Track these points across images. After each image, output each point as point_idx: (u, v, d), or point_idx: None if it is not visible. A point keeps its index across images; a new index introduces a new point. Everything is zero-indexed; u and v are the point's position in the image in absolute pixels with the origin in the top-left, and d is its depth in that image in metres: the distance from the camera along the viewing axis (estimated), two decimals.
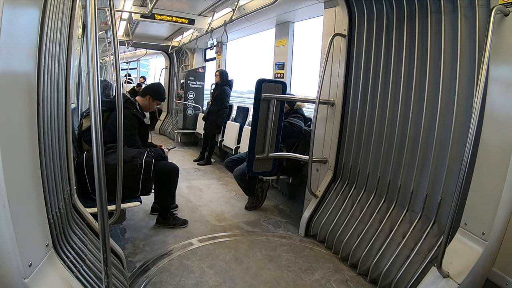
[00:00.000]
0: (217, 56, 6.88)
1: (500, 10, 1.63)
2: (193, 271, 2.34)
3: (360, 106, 2.80)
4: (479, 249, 1.74)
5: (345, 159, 2.99)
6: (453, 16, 2.06)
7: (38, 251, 1.23)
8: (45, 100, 1.33)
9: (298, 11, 4.08)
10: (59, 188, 1.55)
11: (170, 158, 5.81)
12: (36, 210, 1.24)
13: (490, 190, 1.72)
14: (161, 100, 3.14)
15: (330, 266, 2.58)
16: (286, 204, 3.97)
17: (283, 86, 3.16)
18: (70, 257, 1.47)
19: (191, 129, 7.21)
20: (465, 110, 2.00)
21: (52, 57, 1.42)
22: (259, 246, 2.82)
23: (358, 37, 2.80)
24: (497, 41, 1.67)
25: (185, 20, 5.35)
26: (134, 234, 2.90)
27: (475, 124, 1.60)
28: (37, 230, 1.24)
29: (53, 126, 1.49)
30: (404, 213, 2.37)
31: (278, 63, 4.82)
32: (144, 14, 4.02)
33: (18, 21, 1.07)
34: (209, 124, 5.75)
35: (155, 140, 7.68)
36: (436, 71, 2.17)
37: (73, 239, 1.63)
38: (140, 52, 10.94)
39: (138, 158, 2.47)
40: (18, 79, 1.11)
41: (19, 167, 1.12)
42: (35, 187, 1.24)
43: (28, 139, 1.19)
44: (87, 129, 2.57)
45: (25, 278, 1.09)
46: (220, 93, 5.57)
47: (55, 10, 1.38)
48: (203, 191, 4.28)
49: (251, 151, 3.15)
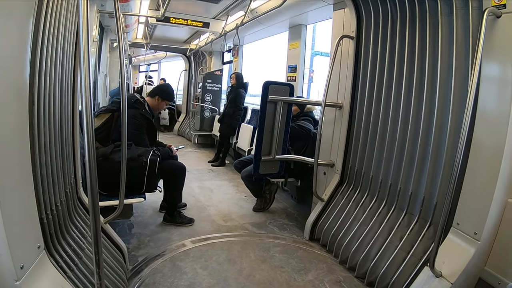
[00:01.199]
0: (234, 59, 6.96)
1: (492, 12, 1.64)
2: (186, 272, 2.35)
3: (366, 109, 2.77)
4: (472, 249, 1.75)
5: (352, 162, 2.95)
6: (449, 18, 2.05)
7: (30, 253, 1.23)
8: (42, 100, 1.35)
9: (309, 13, 4.07)
10: (58, 185, 1.58)
11: (186, 158, 5.97)
12: (27, 211, 1.24)
13: (482, 190, 1.74)
14: (170, 100, 3.22)
15: (324, 267, 2.57)
16: (295, 207, 3.95)
17: (291, 89, 3.16)
18: (65, 256, 1.49)
19: (207, 130, 7.30)
20: (459, 112, 1.98)
21: (54, 60, 1.47)
22: (252, 247, 2.82)
23: (365, 39, 2.77)
24: (489, 43, 1.67)
25: (200, 24, 5.46)
26: (140, 230, 2.99)
27: (467, 124, 1.60)
28: (29, 231, 1.24)
29: (55, 125, 1.54)
30: (403, 216, 2.35)
31: (290, 66, 4.82)
32: (157, 17, 4.14)
33: (7, 22, 1.07)
34: (224, 126, 5.82)
35: (173, 140, 7.90)
36: (433, 74, 2.17)
37: (73, 233, 1.69)
38: (160, 54, 11.22)
39: (143, 156, 2.55)
40: (6, 80, 1.09)
41: (9, 169, 1.11)
42: (26, 189, 1.23)
43: (19, 140, 1.19)
44: (98, 127, 2.69)
45: (17, 280, 1.09)
46: (235, 96, 5.62)
47: (53, 12, 1.42)
48: (214, 191, 4.33)
49: (258, 153, 3.17)
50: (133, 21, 5.06)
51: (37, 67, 1.28)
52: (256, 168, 3.21)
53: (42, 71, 1.34)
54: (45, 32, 1.35)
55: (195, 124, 7.54)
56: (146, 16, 4.97)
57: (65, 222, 1.63)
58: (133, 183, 2.48)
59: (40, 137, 1.36)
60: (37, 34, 1.28)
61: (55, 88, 1.51)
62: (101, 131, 2.68)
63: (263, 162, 3.20)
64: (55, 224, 1.49)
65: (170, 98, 3.21)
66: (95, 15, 3.02)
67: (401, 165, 2.39)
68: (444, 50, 2.08)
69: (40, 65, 1.31)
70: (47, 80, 1.40)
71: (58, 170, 1.58)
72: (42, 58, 1.33)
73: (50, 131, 1.47)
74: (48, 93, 1.43)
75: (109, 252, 2.03)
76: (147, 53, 10.44)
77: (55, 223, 1.49)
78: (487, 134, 1.73)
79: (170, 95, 3.20)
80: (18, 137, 1.18)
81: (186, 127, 9.01)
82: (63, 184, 1.67)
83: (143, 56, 12.02)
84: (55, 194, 1.54)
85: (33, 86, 1.27)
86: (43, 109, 1.37)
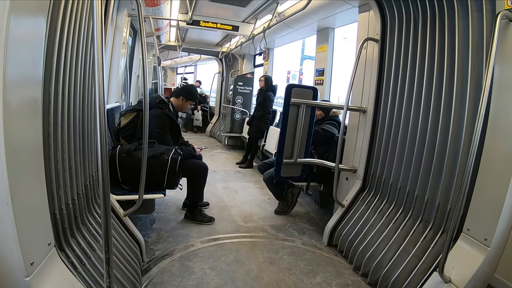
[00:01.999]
0: (265, 62, 7.01)
1: (506, 16, 1.60)
2: (194, 272, 2.36)
3: (389, 113, 2.68)
4: (481, 255, 1.73)
5: (374, 168, 2.86)
6: (465, 20, 1.99)
7: (41, 249, 1.24)
8: (60, 98, 1.40)
9: (337, 16, 4.01)
10: (76, 180, 1.64)
11: (214, 159, 6.10)
12: (39, 208, 1.25)
13: (493, 196, 1.72)
14: (194, 100, 3.31)
15: (332, 270, 2.54)
16: (318, 212, 3.89)
17: (314, 92, 3.13)
18: (78, 250, 1.52)
19: (237, 132, 7.41)
20: (473, 117, 1.92)
21: (73, 59, 1.53)
22: (261, 248, 2.81)
23: (390, 42, 2.68)
24: (503, 47, 1.63)
25: (229, 27, 5.57)
26: (161, 226, 3.10)
27: (479, 129, 1.58)
28: (40, 228, 1.25)
29: (75, 122, 1.61)
30: (418, 223, 2.30)
31: (318, 70, 4.76)
32: (186, 21, 4.27)
33: (21, 20, 1.08)
34: (252, 128, 5.88)
35: (203, 141, 8.08)
36: (451, 79, 2.11)
37: (90, 225, 1.77)
38: (195, 57, 11.54)
39: (165, 154, 2.65)
40: (21, 79, 1.11)
41: (22, 166, 1.12)
42: (39, 185, 1.25)
43: (31, 138, 1.20)
44: (124, 125, 2.84)
45: (27, 276, 1.10)
46: (264, 99, 5.65)
47: (73, 11, 1.47)
48: (238, 192, 4.38)
49: (280, 156, 3.17)
50: (165, 24, 5.25)
51: (54, 67, 1.34)
52: (278, 171, 3.21)
53: (60, 71, 1.40)
54: (64, 32, 1.40)
55: (226, 126, 7.68)
56: (175, 20, 5.13)
57: (82, 214, 1.70)
58: (154, 180, 2.59)
59: (57, 134, 1.40)
60: (54, 33, 1.33)
61: (75, 86, 1.58)
62: (127, 130, 2.83)
63: (284, 165, 3.19)
64: (70, 217, 1.53)
65: (194, 98, 3.31)
66: (126, 19, 3.19)
67: (419, 171, 2.33)
68: (460, 54, 2.02)
69: (58, 66, 1.37)
70: (66, 79, 1.47)
71: (76, 165, 1.65)
72: (60, 58, 1.39)
73: (68, 128, 1.53)
74: (68, 91, 1.49)
75: (126, 243, 2.13)
76: (183, 56, 10.77)
77: (70, 217, 1.53)
78: (499, 140, 1.71)
79: (194, 95, 3.30)
80: (31, 134, 1.19)
81: (217, 129, 9.20)
82: (83, 178, 1.76)
83: (179, 59, 12.45)
84: (72, 188, 1.58)
85: (49, 85, 1.32)
86: (61, 107, 1.43)
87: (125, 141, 2.83)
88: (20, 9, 1.04)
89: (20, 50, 1.07)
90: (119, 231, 2.14)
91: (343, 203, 3.01)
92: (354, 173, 3.11)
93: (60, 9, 1.36)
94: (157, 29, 5.13)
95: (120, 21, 3.05)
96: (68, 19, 1.43)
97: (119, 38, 3.05)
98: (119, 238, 2.07)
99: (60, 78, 1.41)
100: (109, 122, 2.80)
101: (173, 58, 12.45)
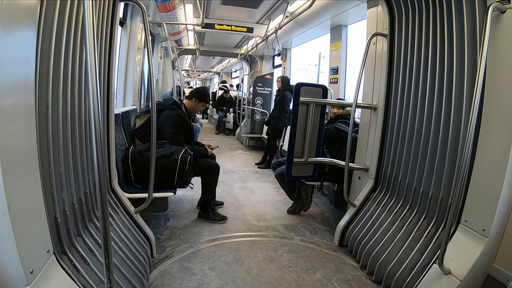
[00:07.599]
0: (283, 63, 7.01)
1: (497, 8, 1.61)
2: (195, 274, 2.36)
3: (398, 110, 2.62)
4: (480, 246, 1.74)
5: (385, 167, 2.80)
6: (460, 14, 1.97)
7: (40, 257, 1.23)
8: (59, 103, 1.41)
9: (349, 12, 3.95)
10: (80, 181, 1.68)
11: (234, 160, 6.16)
12: (36, 216, 1.24)
13: (490, 186, 1.73)
14: (206, 102, 3.39)
15: (332, 266, 2.53)
16: (333, 212, 3.84)
17: (324, 90, 3.10)
18: (78, 256, 1.51)
19: (258, 133, 7.45)
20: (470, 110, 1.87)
21: (70, 66, 1.52)
22: (260, 247, 2.82)
23: (398, 36, 2.62)
24: (495, 39, 1.63)
25: (244, 29, 5.62)
26: (174, 223, 3.20)
27: (474, 121, 1.59)
28: (39, 236, 1.25)
29: (75, 128, 1.63)
30: (423, 219, 2.29)
31: (332, 68, 4.71)
32: (199, 25, 4.36)
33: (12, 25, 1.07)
34: (270, 128, 5.89)
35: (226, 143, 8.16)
36: (449, 72, 2.09)
37: (92, 229, 1.77)
38: (233, 60, 11.50)
39: (175, 154, 2.74)
40: (11, 84, 1.08)
41: (17, 174, 1.11)
42: (36, 193, 1.24)
43: (26, 144, 1.18)
44: (139, 127, 2.97)
45: (27, 285, 1.10)
46: (281, 98, 5.65)
47: (71, 19, 1.48)
48: (254, 192, 4.40)
49: (290, 155, 3.17)
50: (181, 28, 5.38)
51: (50, 73, 1.35)
52: (289, 170, 3.20)
53: (55, 77, 1.40)
54: (62, 37, 1.41)
55: (246, 127, 7.72)
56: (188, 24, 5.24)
57: (83, 220, 1.71)
58: (165, 179, 2.70)
59: (58, 140, 1.42)
60: (49, 38, 1.32)
61: (72, 92, 1.58)
62: (141, 130, 2.95)
63: (295, 164, 3.19)
64: (70, 224, 1.54)
65: (206, 99, 3.38)
66: (140, 25, 3.32)
67: (424, 165, 2.31)
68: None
69: (53, 72, 1.37)
70: (66, 85, 1.50)
71: (77, 168, 1.66)
72: (60, 63, 1.41)
73: (68, 134, 1.53)
74: (68, 97, 1.51)
75: (136, 240, 2.23)
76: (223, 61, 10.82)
77: (70, 223, 1.54)
78: (494, 130, 1.72)
79: (206, 97, 3.38)
80: (25, 140, 1.17)
81: (241, 130, 9.23)
82: (88, 179, 1.83)
83: (221, 65, 12.52)
84: (73, 194, 1.59)
85: (47, 92, 1.33)
86: (62, 112, 1.45)
87: (140, 141, 2.96)
88: (8, 15, 1.03)
89: (9, 55, 1.06)
90: (129, 228, 2.24)
91: (354, 203, 2.96)
92: (366, 172, 3.05)
93: (55, 12, 1.35)
94: (174, 34, 5.25)
95: (134, 27, 3.19)
96: (67, 23, 1.45)
97: (133, 44, 3.19)
98: (129, 235, 2.17)
99: (60, 84, 1.43)
100: (124, 124, 2.94)
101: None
